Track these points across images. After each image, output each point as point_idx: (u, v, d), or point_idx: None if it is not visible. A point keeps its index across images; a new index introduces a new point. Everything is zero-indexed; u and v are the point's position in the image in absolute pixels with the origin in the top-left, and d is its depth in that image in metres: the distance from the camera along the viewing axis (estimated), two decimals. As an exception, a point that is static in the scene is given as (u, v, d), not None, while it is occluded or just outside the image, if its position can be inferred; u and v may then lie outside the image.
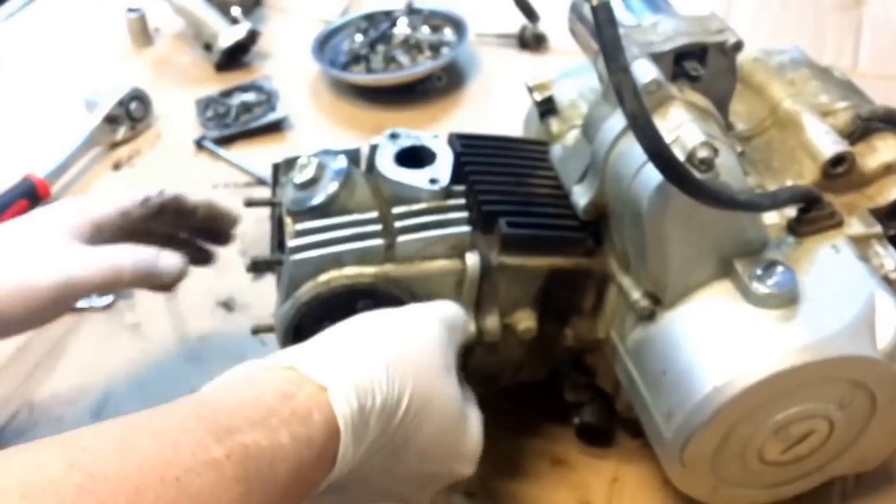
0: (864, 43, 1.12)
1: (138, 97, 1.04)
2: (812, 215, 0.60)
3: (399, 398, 0.50)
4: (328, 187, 0.58)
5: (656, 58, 0.57)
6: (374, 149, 0.62)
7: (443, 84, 1.10)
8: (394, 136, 0.62)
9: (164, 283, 0.64)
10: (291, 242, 0.57)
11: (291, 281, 0.57)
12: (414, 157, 0.61)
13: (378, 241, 0.57)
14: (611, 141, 0.57)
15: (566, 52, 1.10)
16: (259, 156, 1.01)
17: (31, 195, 0.94)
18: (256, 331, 0.65)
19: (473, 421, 0.56)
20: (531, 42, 1.15)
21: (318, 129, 1.06)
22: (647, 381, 0.59)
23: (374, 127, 1.05)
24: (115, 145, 1.04)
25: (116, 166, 1.02)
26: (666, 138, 0.51)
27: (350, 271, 0.57)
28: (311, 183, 0.58)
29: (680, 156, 0.52)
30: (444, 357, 0.54)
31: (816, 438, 0.58)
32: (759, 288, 0.55)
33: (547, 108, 0.70)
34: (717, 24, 0.60)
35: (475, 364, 0.63)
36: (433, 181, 0.59)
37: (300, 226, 0.57)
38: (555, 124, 0.70)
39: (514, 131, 0.76)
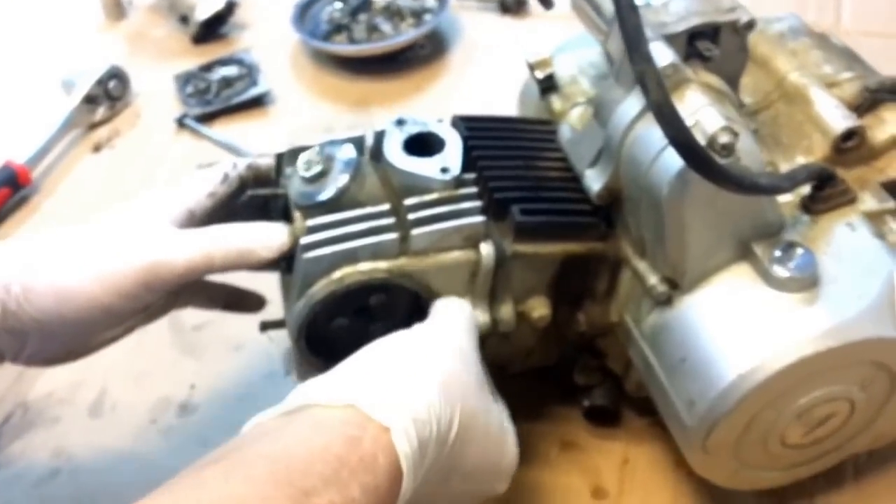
0: (847, -1, 1.11)
1: (116, 75, 1.00)
2: (826, 193, 0.59)
3: (451, 422, 0.49)
4: (338, 180, 0.57)
5: (670, 39, 0.56)
6: (379, 136, 0.60)
7: (426, 52, 1.08)
8: (400, 123, 0.60)
9: (262, 259, 0.56)
10: (304, 239, 0.55)
11: (305, 279, 0.56)
12: (422, 144, 0.59)
13: (392, 235, 0.56)
14: (626, 125, 0.56)
15: (547, 16, 1.09)
16: (243, 132, 0.99)
17: (12, 183, 0.91)
18: (265, 327, 0.63)
19: (510, 436, 0.56)
20: (512, 6, 1.13)
21: (302, 102, 1.04)
22: (665, 367, 0.59)
23: (358, 98, 1.03)
24: (93, 126, 1.00)
25: (96, 148, 0.99)
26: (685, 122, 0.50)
27: (365, 267, 0.56)
28: (320, 176, 0.57)
29: (700, 141, 0.51)
30: (479, 370, 0.54)
31: (838, 419, 0.58)
32: (780, 271, 0.55)
33: (548, 85, 0.69)
34: (728, 1, 0.58)
35: (488, 354, 0.62)
36: (444, 170, 0.57)
37: (312, 221, 0.56)
38: (556, 102, 0.68)
39: (501, 99, 0.75)
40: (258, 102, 1.01)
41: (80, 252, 0.55)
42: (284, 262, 0.58)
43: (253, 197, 0.62)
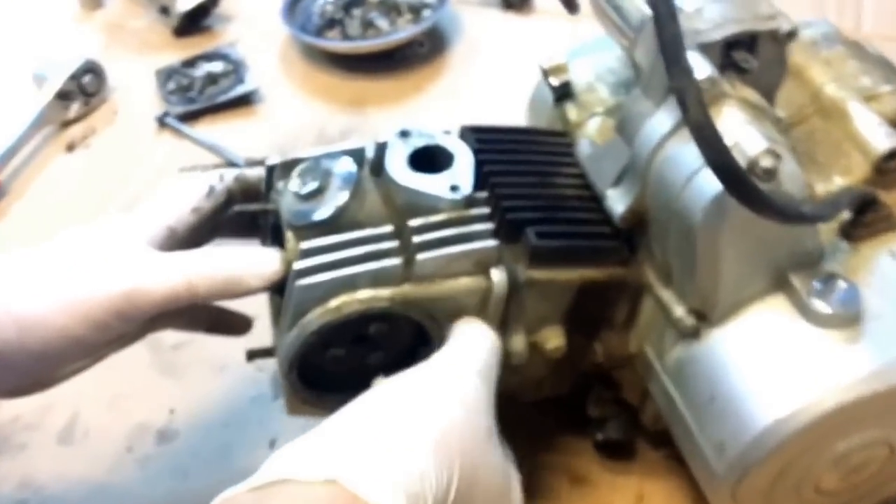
0: (867, 1, 1.06)
1: (92, 69, 0.94)
2: (868, 218, 0.54)
3: (448, 486, 0.44)
4: (336, 198, 0.51)
5: (704, 48, 0.51)
6: (381, 149, 0.54)
7: (424, 50, 1.02)
8: (405, 135, 0.54)
9: (251, 288, 0.51)
10: (297, 264, 0.50)
11: (298, 307, 0.50)
12: (428, 158, 0.54)
13: (395, 261, 0.50)
14: (655, 143, 0.51)
15: (552, 13, 1.04)
16: (228, 132, 0.94)
17: (-23, 184, 0.85)
18: (252, 356, 0.58)
19: (515, 484, 0.50)
20: (516, 2, 1.08)
21: (292, 101, 0.98)
22: (691, 406, 0.54)
23: (352, 98, 0.98)
24: (67, 124, 0.94)
25: (70, 147, 0.93)
26: (724, 144, 0.45)
27: (364, 295, 0.50)
28: (317, 193, 0.51)
29: (742, 163, 0.46)
30: (487, 418, 0.48)
31: (875, 464, 0.54)
32: (820, 306, 0.50)
33: (564, 93, 0.63)
34: (767, 8, 0.53)
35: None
36: (454, 188, 0.52)
37: (306, 244, 0.50)
38: (572, 111, 0.63)
39: (505, 101, 0.70)
40: (245, 101, 0.96)
41: (45, 277, 0.49)
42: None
43: (240, 213, 0.56)
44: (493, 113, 0.71)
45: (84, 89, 0.94)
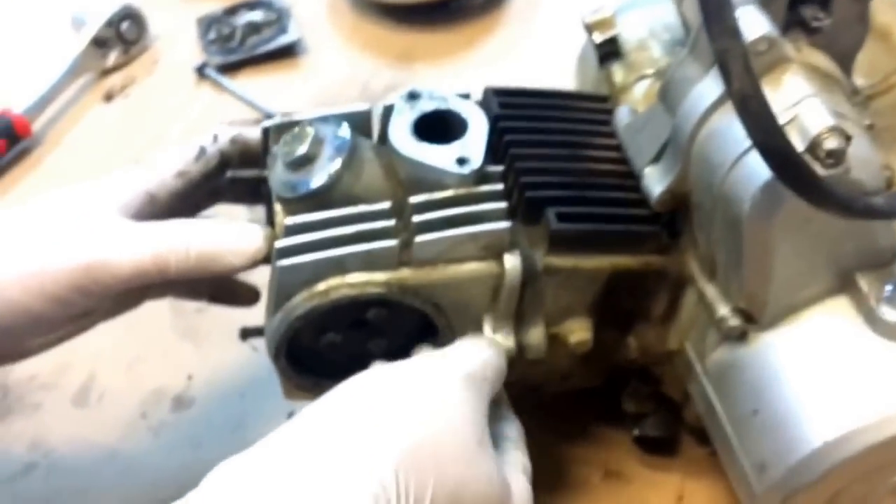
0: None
1: (131, 16, 0.90)
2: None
3: None
4: (328, 167, 0.45)
5: (766, 3, 0.43)
6: (388, 112, 0.48)
7: (480, 1, 0.95)
8: (413, 97, 0.48)
9: (231, 267, 0.46)
10: (280, 243, 0.44)
11: (281, 289, 0.45)
12: (439, 125, 0.47)
13: (391, 242, 0.45)
14: (700, 114, 0.44)
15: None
16: (269, 86, 0.88)
17: (8, 134, 0.82)
18: (246, 334, 0.53)
19: (518, 494, 0.44)
20: (585, -51, 0.99)
21: (337, 54, 0.92)
22: (731, 417, 0.48)
23: (401, 52, 0.91)
24: (105, 72, 0.90)
25: (108, 97, 0.90)
26: (780, 118, 0.38)
27: (355, 279, 0.45)
28: (306, 161, 0.45)
29: (799, 144, 0.38)
30: (475, 427, 0.42)
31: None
32: (891, 314, 0.43)
33: (609, 51, 0.56)
34: (847, -47, 0.45)
35: (515, 376, 0.51)
36: (462, 161, 0.45)
37: (291, 220, 0.45)
38: (618, 72, 0.56)
39: (565, 61, 0.63)
40: (287, 53, 0.90)
41: (3, 246, 0.45)
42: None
43: (234, 179, 0.51)
44: (552, 74, 0.64)
45: (123, 37, 0.90)
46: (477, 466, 0.41)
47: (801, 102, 0.40)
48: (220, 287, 0.57)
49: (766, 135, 0.36)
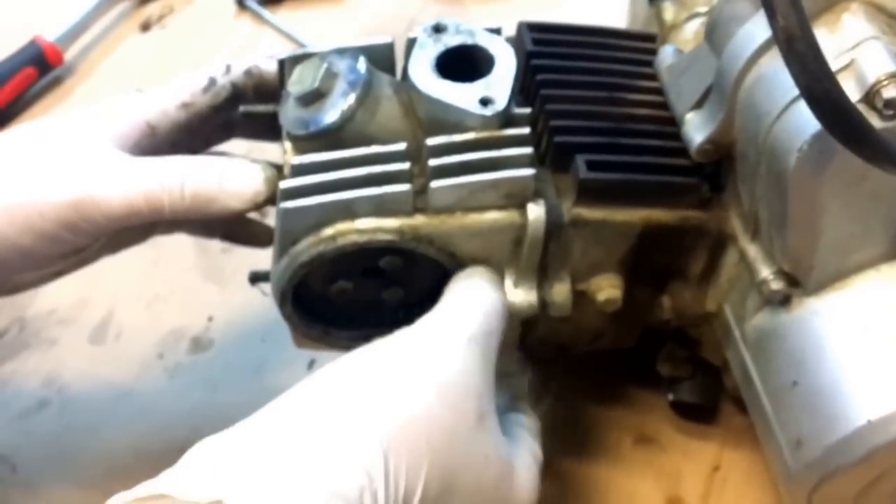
0: None
1: (169, -58, 0.87)
2: None
3: (408, 489, 0.35)
4: (341, 103, 0.42)
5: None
6: (411, 45, 0.45)
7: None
8: (438, 30, 0.44)
9: (229, 209, 0.44)
10: (285, 183, 0.42)
11: (286, 233, 0.43)
12: (465, 61, 0.44)
13: (404, 187, 0.42)
14: (748, 57, 0.40)
15: None
16: (312, 20, 0.86)
17: (39, 62, 0.80)
18: (255, 278, 0.51)
19: (524, 477, 0.41)
20: None
21: (385, -14, 0.88)
22: (769, 387, 0.45)
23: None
24: (143, 1, 0.88)
25: (145, 27, 0.88)
26: (834, 64, 0.33)
27: (364, 224, 0.42)
28: (318, 96, 0.42)
29: (854, 92, 0.35)
30: (478, 400, 0.39)
31: None
32: (952, 285, 0.38)
33: (660, -14, 0.52)
34: None
35: (540, 333, 0.48)
36: (485, 102, 0.42)
37: (298, 159, 0.42)
38: (669, 9, 0.51)
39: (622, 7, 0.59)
40: (331, -15, 0.87)
41: None
42: None
43: (247, 114, 0.48)
44: (613, 15, 0.60)
45: (161, -36, 0.87)
46: (476, 445, 0.39)
47: (859, 45, 0.36)
48: (233, 225, 0.55)
49: (814, 80, 0.32)
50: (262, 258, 0.60)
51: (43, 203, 0.42)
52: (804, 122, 0.36)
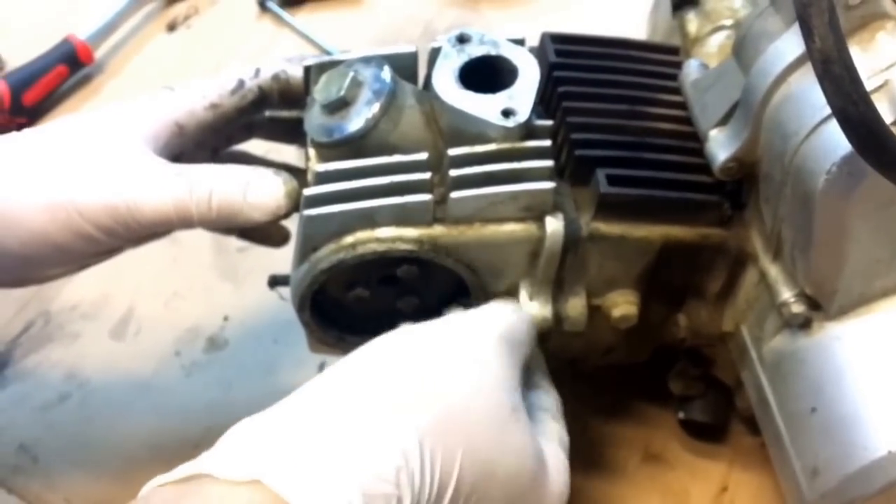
0: None
1: (196, -57, 0.88)
2: None
3: (443, 481, 0.35)
4: (365, 112, 0.42)
5: (864, -51, 0.37)
6: (435, 55, 0.44)
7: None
8: (462, 41, 0.44)
9: (253, 221, 0.44)
10: (309, 191, 0.42)
11: (307, 240, 0.43)
12: (488, 72, 0.44)
13: (425, 197, 0.41)
14: (777, 75, 0.39)
15: None
16: (331, 23, 0.86)
17: (71, 60, 0.81)
18: (274, 282, 0.51)
19: (554, 467, 0.41)
20: None
21: (406, -9, 0.88)
22: (786, 413, 0.44)
23: (472, -6, 0.87)
24: (170, 2, 0.89)
25: (171, 27, 0.88)
26: (867, 84, 0.33)
27: (384, 233, 0.42)
28: (342, 104, 0.42)
29: (888, 114, 0.34)
30: (509, 394, 0.39)
31: None
32: (978, 314, 0.38)
33: None
34: None
35: (552, 347, 0.48)
36: (507, 113, 0.42)
37: (323, 167, 0.42)
38: (693, 22, 0.51)
39: (640, 13, 0.59)
40: (353, -12, 0.87)
41: (29, 172, 0.43)
42: None
43: (272, 119, 0.48)
44: (626, 24, 0.60)
45: (188, -35, 0.87)
46: (510, 436, 0.39)
47: (894, 66, 0.35)
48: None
49: (848, 101, 0.31)
50: (277, 258, 0.61)
51: (83, 205, 0.43)
52: (834, 143, 0.36)
